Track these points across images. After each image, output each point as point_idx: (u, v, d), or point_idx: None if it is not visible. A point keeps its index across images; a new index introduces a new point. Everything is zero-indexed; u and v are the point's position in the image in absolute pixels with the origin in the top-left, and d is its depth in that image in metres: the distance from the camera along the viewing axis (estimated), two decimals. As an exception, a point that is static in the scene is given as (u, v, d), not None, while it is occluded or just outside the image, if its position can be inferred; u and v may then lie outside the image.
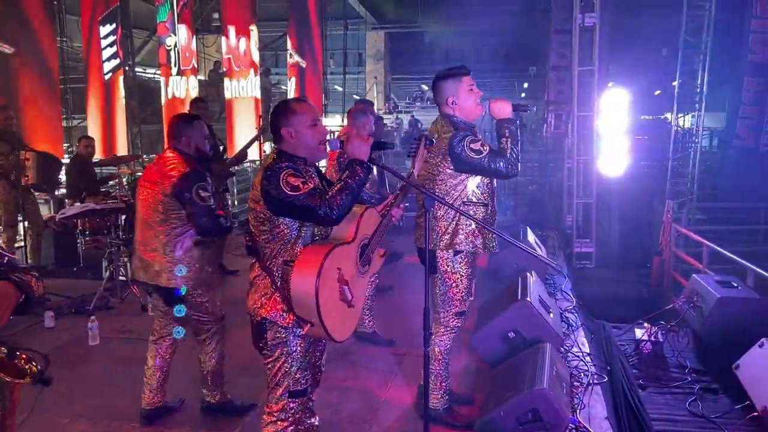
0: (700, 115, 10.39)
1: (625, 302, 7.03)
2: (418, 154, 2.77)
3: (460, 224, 3.16)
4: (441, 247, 3.17)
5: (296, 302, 2.31)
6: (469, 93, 3.16)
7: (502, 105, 3.12)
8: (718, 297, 4.46)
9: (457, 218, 3.15)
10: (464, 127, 3.13)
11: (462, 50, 23.19)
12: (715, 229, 9.45)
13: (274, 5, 16.84)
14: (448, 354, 3.34)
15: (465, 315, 3.33)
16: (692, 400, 3.97)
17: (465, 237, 3.16)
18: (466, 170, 3.10)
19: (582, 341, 4.38)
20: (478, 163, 3.02)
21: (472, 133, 3.11)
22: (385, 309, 5.35)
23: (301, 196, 2.25)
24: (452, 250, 3.17)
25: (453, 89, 3.17)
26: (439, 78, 3.24)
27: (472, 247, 3.19)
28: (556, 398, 2.94)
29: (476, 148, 3.02)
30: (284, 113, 2.45)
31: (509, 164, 3.03)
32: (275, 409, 2.46)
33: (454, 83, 3.18)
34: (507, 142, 3.04)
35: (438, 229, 3.17)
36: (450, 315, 3.27)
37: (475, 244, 3.19)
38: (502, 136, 3.07)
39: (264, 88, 12.67)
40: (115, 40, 9.60)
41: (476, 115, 3.22)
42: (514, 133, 3.08)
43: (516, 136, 3.08)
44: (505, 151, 3.05)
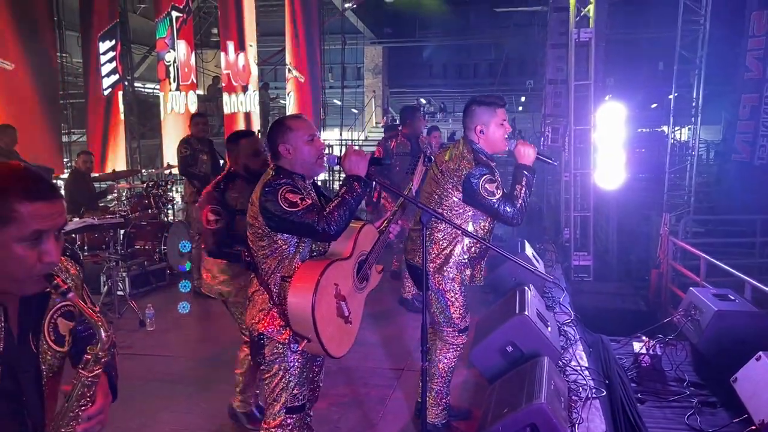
0: (696, 128, 10.47)
1: (624, 315, 7.02)
2: (417, 171, 2.79)
3: (454, 252, 3.13)
4: (431, 269, 3.15)
5: (293, 318, 2.32)
6: (499, 126, 3.11)
7: (528, 150, 3.08)
8: (715, 310, 4.47)
9: (452, 246, 3.13)
10: (484, 161, 3.08)
11: (460, 64, 23.36)
12: (712, 241, 9.47)
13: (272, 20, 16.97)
14: (451, 372, 3.33)
15: (468, 330, 3.32)
16: (690, 413, 3.97)
17: (455, 266, 3.14)
18: (474, 206, 3.08)
19: (580, 355, 4.38)
20: (488, 203, 3.00)
21: (491, 171, 3.06)
22: (383, 324, 5.36)
23: (299, 212, 2.26)
24: (440, 275, 3.16)
25: (485, 118, 3.11)
26: (474, 103, 3.18)
27: (459, 281, 3.17)
28: (555, 413, 2.94)
29: (491, 189, 2.98)
30: (281, 130, 2.48)
31: (517, 213, 3.00)
32: (273, 425, 2.46)
33: (487, 112, 3.12)
34: (521, 190, 3.01)
35: (431, 251, 3.14)
36: (453, 332, 3.25)
37: (464, 275, 3.17)
38: (518, 182, 3.03)
39: (263, 102, 12.74)
40: (114, 55, 9.65)
41: (500, 149, 3.18)
42: (530, 182, 3.05)
43: (531, 185, 3.06)
44: (516, 198, 3.01)
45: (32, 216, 1.25)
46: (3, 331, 1.34)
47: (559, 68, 9.98)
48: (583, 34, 8.22)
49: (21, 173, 1.28)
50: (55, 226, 1.30)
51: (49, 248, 1.29)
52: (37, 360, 1.40)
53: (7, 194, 1.24)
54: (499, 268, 5.54)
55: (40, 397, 1.40)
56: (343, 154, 2.46)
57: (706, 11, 9.70)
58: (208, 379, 4.13)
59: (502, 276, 5.45)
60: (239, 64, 10.83)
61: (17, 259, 1.26)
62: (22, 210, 1.24)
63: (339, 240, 2.43)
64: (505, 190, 3.06)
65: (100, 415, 1.43)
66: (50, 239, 1.30)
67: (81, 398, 1.37)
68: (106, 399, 1.47)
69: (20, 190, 1.25)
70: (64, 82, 9.82)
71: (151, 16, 11.31)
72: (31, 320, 1.40)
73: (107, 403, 1.47)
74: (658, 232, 8.31)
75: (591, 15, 8.23)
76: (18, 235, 1.25)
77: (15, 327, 1.37)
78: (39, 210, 1.26)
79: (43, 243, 1.28)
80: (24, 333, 1.38)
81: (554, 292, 5.72)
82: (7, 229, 1.24)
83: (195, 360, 4.60)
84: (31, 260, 1.27)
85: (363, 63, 22.37)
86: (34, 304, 1.40)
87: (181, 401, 3.89)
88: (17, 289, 1.33)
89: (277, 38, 14.97)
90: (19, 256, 1.26)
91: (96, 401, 1.41)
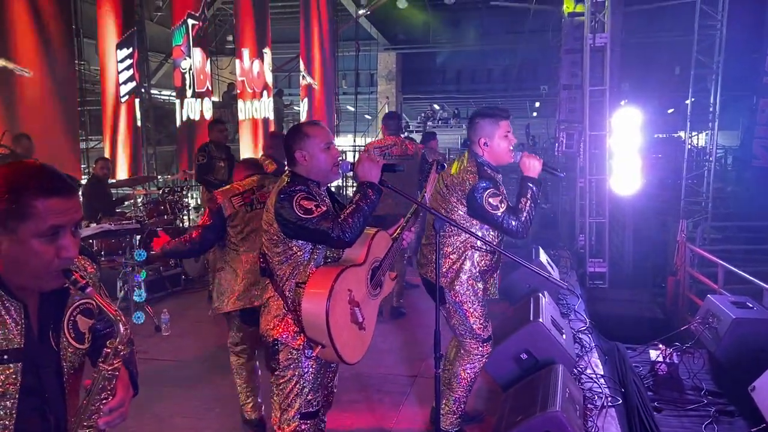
0: (713, 133, 10.36)
1: (640, 323, 6.95)
2: (430, 178, 2.79)
3: (464, 267, 3.11)
4: (444, 284, 3.12)
5: (307, 324, 2.33)
6: (504, 138, 3.09)
7: (533, 163, 3.03)
8: (733, 318, 4.41)
9: (461, 260, 3.10)
10: (488, 175, 3.05)
11: (473, 70, 23.30)
12: (730, 248, 9.35)
13: (287, 27, 17.07)
14: (473, 381, 3.29)
15: (491, 339, 3.26)
16: (708, 422, 3.91)
17: (466, 280, 3.11)
18: (479, 219, 3.06)
19: (596, 363, 4.34)
20: (492, 217, 2.96)
21: (495, 184, 3.03)
22: (395, 331, 5.35)
23: (314, 219, 2.28)
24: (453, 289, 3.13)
25: (488, 131, 3.09)
26: (478, 115, 3.17)
27: (473, 292, 3.13)
28: (570, 421, 2.92)
29: (494, 203, 2.94)
30: (298, 137, 2.49)
31: (521, 226, 2.95)
32: (286, 431, 2.46)
33: (490, 125, 3.10)
34: (526, 204, 2.96)
35: (442, 265, 3.10)
36: (477, 343, 3.20)
37: (476, 288, 3.13)
38: (523, 195, 2.99)
39: (277, 109, 12.81)
40: (131, 63, 9.77)
41: (505, 161, 3.14)
42: (535, 195, 3.00)
43: (536, 198, 3.01)
44: (521, 211, 2.96)
45: (49, 211, 1.28)
46: (24, 328, 1.36)
47: (574, 73, 9.92)
48: (599, 39, 8.18)
49: (37, 170, 1.31)
50: (72, 221, 1.33)
51: (67, 243, 1.32)
52: (58, 357, 1.42)
53: (24, 190, 1.26)
54: (513, 274, 5.50)
55: (62, 393, 1.42)
56: (357, 160, 2.46)
57: (723, 16, 9.61)
58: (222, 384, 4.15)
59: (516, 282, 5.42)
60: (254, 71, 10.91)
61: (35, 255, 1.29)
62: (38, 206, 1.27)
63: (353, 246, 2.44)
64: (511, 203, 3.03)
65: (121, 408, 1.44)
66: (67, 234, 1.32)
67: (102, 392, 1.39)
68: (126, 393, 1.48)
69: (36, 187, 1.28)
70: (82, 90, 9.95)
71: (168, 24, 11.44)
72: (50, 317, 1.42)
73: (128, 397, 1.49)
74: (675, 238, 8.22)
75: (606, 20, 8.19)
76: (36, 231, 1.27)
77: (35, 324, 1.39)
78: (55, 205, 1.28)
79: (60, 238, 1.31)
80: (44, 330, 1.40)
81: (569, 299, 5.68)
82: (25, 225, 1.27)
83: (210, 365, 4.62)
84: (48, 255, 1.30)
85: (376, 69, 22.42)
86: (53, 300, 1.42)
87: (194, 407, 3.91)
88: (36, 284, 1.35)
89: (292, 45, 15.07)
90: (37, 251, 1.29)
91: (116, 394, 1.43)
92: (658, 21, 16.22)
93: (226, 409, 3.83)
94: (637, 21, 15.59)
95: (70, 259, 1.34)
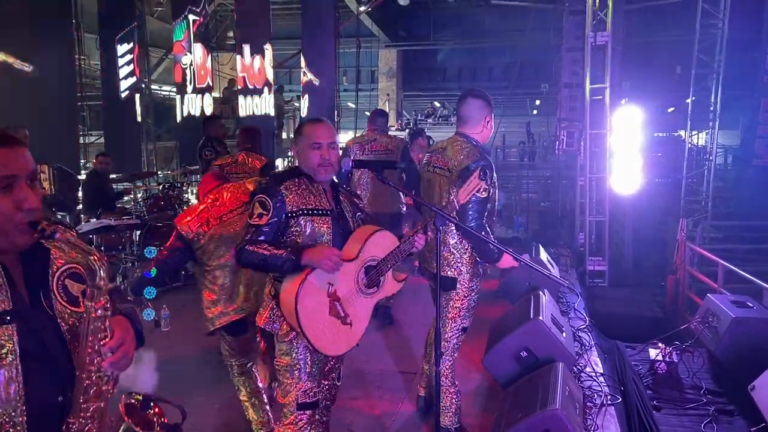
0: (714, 132, 10.35)
1: (639, 321, 6.94)
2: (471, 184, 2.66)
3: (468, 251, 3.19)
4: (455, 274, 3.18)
5: (282, 308, 2.43)
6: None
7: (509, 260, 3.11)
8: (733, 317, 4.41)
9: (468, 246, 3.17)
10: (484, 156, 3.08)
11: (474, 68, 23.29)
12: (730, 247, 9.35)
13: (288, 24, 17.05)
14: (453, 369, 3.35)
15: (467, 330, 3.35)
16: (707, 422, 3.91)
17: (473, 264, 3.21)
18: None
19: (595, 361, 4.34)
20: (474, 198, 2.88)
21: (490, 166, 3.04)
22: (396, 329, 5.35)
23: (248, 223, 2.44)
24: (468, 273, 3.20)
25: (489, 110, 3.18)
26: (480, 96, 3.18)
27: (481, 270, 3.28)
28: (569, 419, 2.92)
29: (484, 187, 2.89)
30: (297, 131, 2.61)
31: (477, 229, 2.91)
32: (285, 423, 2.50)
33: (489, 106, 3.18)
34: (490, 240, 2.90)
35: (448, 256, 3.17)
36: (456, 332, 3.29)
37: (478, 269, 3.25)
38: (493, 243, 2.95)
39: (277, 105, 12.80)
40: (132, 58, 9.76)
41: (487, 140, 3.24)
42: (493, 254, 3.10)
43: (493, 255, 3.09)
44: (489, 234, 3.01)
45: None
46: (9, 290, 1.37)
47: (575, 72, 9.91)
48: (600, 37, 8.15)
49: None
50: (23, 171, 1.35)
51: (24, 195, 1.34)
52: (55, 322, 1.43)
53: None
54: (513, 272, 5.50)
55: (67, 357, 1.43)
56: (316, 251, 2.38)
57: (725, 15, 9.59)
58: (221, 380, 4.14)
59: (516, 280, 5.43)
60: (255, 67, 10.89)
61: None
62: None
63: (348, 242, 2.50)
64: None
65: (122, 346, 1.44)
66: (22, 186, 1.34)
67: (96, 332, 1.39)
68: (125, 332, 1.48)
69: None
70: (81, 84, 9.95)
71: (169, 20, 11.42)
72: (37, 281, 1.43)
73: (129, 338, 1.49)
74: (675, 237, 8.21)
75: (608, 18, 8.17)
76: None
77: (23, 288, 1.40)
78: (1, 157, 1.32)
79: (15, 191, 1.33)
80: (34, 294, 1.42)
81: (569, 297, 5.68)
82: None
83: (209, 361, 4.62)
84: (6, 208, 1.32)
85: (377, 66, 22.40)
86: (35, 262, 1.44)
87: (194, 402, 3.90)
88: (7, 242, 1.36)
89: (293, 41, 15.06)
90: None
91: (114, 335, 1.43)
92: (659, 20, 16.23)
93: (225, 403, 3.83)
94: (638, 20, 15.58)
95: (32, 211, 1.35)
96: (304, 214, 2.44)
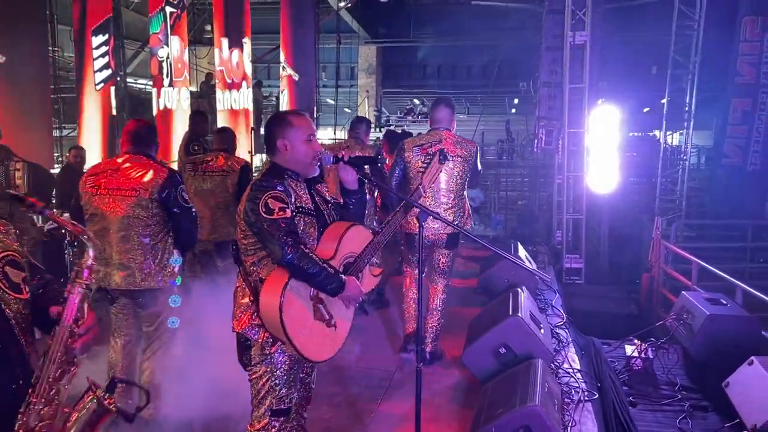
0: (688, 132, 10.52)
1: (615, 319, 7.03)
2: (432, 169, 2.69)
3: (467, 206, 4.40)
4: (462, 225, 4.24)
5: (264, 319, 2.29)
6: None
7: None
8: (707, 314, 4.48)
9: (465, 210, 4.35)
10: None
11: (454, 65, 23.34)
12: (703, 246, 9.51)
13: (267, 18, 16.88)
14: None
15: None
16: (682, 417, 3.97)
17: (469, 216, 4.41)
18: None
19: (572, 357, 4.37)
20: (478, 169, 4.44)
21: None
22: (377, 325, 5.33)
23: (271, 220, 2.23)
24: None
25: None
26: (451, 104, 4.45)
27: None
28: (548, 415, 2.93)
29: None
30: (281, 125, 2.44)
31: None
32: (257, 428, 2.41)
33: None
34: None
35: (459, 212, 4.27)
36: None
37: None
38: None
39: (256, 100, 12.67)
40: (107, 50, 9.56)
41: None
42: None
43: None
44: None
45: None
46: None
47: (554, 71, 9.98)
48: (579, 37, 8.23)
49: None
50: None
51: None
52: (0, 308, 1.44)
53: None
54: (492, 268, 5.52)
55: (17, 344, 1.44)
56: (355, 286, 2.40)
57: (700, 17, 9.74)
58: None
59: (495, 277, 5.44)
60: (233, 61, 10.76)
61: None
62: None
63: (322, 240, 2.41)
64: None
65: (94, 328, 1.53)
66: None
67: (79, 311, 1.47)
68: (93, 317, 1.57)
69: None
70: (55, 77, 9.74)
71: (145, 12, 11.22)
72: None
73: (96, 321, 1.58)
74: (650, 235, 8.33)
75: (586, 18, 8.24)
76: None
77: None
78: None
79: None
80: None
81: (547, 294, 5.72)
82: None
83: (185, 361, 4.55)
84: None
85: (357, 62, 22.32)
86: None
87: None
88: None
89: (272, 36, 14.91)
90: None
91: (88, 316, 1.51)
92: (636, 20, 16.41)
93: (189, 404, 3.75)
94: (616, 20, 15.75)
95: None
96: (299, 213, 2.37)
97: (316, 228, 2.42)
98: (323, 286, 2.28)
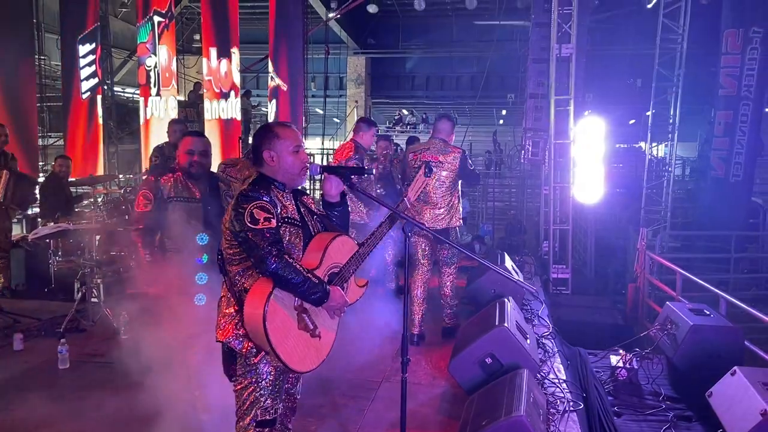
0: (673, 144, 10.65)
1: (601, 329, 7.06)
2: (417, 182, 2.70)
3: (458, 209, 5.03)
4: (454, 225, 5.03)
5: (248, 329, 2.29)
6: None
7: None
8: (691, 325, 4.51)
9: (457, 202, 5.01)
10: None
11: (442, 77, 23.48)
12: (688, 257, 9.61)
13: (255, 28, 16.92)
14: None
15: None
16: (667, 427, 3.99)
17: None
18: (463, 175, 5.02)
19: (558, 368, 4.39)
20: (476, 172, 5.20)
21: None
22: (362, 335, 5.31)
23: (256, 230, 2.24)
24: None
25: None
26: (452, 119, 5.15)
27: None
28: (534, 425, 2.94)
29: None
30: (268, 136, 2.44)
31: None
32: None
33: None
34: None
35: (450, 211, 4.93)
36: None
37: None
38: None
39: (244, 109, 12.67)
40: (94, 59, 9.55)
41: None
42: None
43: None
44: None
45: None
46: None
47: (540, 82, 10.06)
48: (564, 49, 8.32)
49: None
50: None
51: None
52: None
53: None
54: (479, 279, 5.53)
55: None
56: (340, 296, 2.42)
57: (684, 30, 9.89)
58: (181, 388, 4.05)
59: (482, 287, 5.45)
60: (221, 71, 10.76)
61: None
62: None
63: (307, 251, 2.41)
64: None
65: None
66: None
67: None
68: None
69: None
70: (41, 85, 9.70)
71: (133, 20, 11.23)
72: None
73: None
74: (635, 246, 8.39)
75: (572, 31, 8.34)
76: None
77: None
78: None
79: None
80: None
81: (533, 304, 5.74)
82: None
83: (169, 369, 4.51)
84: None
85: (346, 73, 22.40)
86: None
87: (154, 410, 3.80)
88: None
89: (260, 46, 14.95)
90: None
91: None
92: (621, 33, 16.63)
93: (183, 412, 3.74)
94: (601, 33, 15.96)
95: None
96: (285, 223, 2.37)
97: (301, 239, 2.43)
98: (307, 296, 2.29)
